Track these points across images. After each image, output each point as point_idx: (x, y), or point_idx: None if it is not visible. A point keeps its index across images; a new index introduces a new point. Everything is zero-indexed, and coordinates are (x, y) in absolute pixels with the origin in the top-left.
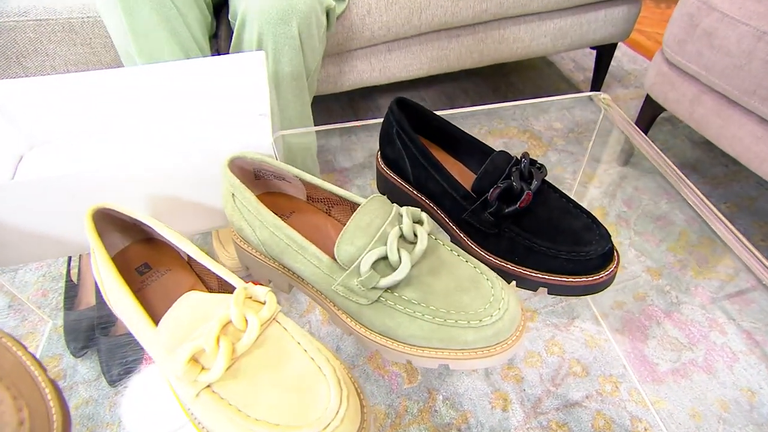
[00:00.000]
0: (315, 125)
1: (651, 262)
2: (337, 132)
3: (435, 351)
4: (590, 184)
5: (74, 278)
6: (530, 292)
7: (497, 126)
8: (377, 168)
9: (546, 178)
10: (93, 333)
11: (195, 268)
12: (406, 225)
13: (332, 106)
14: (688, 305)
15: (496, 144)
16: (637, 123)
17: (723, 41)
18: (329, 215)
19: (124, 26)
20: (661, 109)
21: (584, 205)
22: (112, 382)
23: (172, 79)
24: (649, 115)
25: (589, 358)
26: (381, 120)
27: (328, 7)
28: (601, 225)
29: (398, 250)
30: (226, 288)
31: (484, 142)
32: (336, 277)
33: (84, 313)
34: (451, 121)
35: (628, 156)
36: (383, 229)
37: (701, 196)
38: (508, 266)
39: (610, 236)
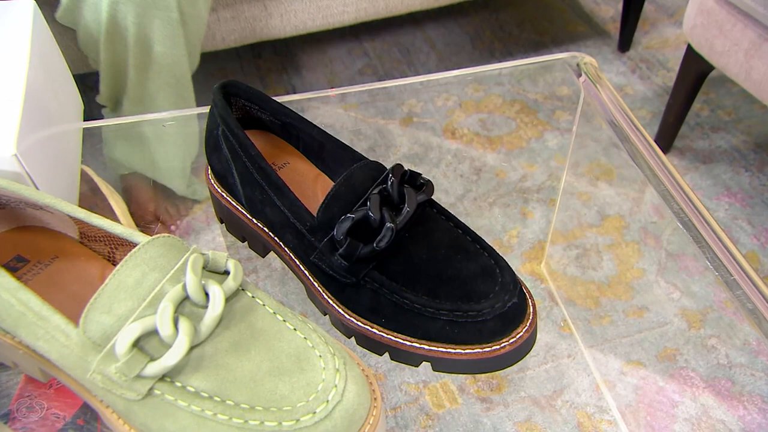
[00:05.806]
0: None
1: (689, 301)
2: None
3: None
4: (602, 182)
5: None
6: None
7: (473, 95)
8: (207, 184)
9: (529, 174)
10: None
11: None
12: (191, 282)
13: (230, 67)
14: (746, 369)
15: (468, 123)
16: (677, 84)
17: None
18: (112, 261)
19: None
20: (709, 66)
21: (591, 214)
22: None
23: None
24: (693, 72)
25: None
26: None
27: None
28: (508, 269)
29: (173, 320)
30: None
31: (453, 117)
32: (91, 361)
33: None
34: (396, 93)
35: (669, 139)
36: (160, 287)
37: (711, 221)
38: (374, 331)
39: (516, 285)
